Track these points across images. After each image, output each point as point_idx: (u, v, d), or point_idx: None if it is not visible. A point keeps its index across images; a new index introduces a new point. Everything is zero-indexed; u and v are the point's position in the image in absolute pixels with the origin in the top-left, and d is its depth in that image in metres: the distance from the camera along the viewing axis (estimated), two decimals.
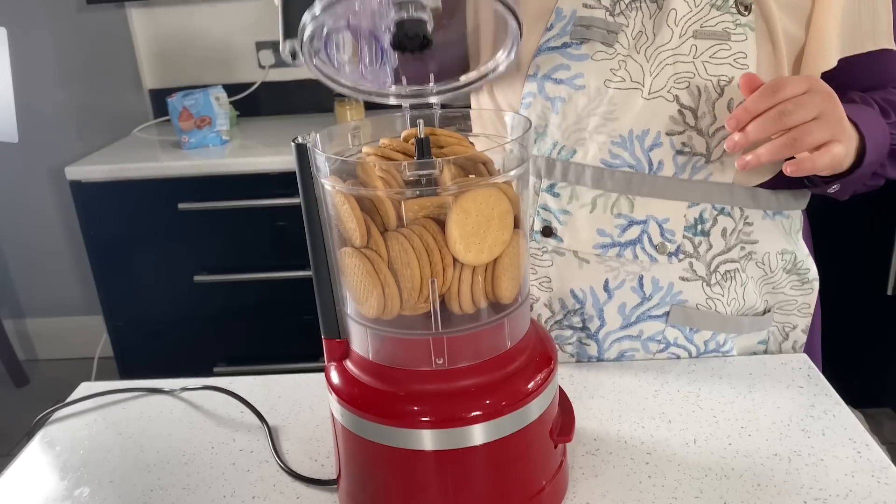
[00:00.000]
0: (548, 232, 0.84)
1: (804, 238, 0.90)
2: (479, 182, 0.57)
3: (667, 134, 0.78)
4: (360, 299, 0.58)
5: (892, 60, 0.82)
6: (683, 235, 0.81)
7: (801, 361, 0.85)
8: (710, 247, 0.82)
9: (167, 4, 2.25)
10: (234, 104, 2.20)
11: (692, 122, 0.78)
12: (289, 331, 2.02)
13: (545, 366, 0.61)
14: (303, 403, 0.83)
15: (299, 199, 0.59)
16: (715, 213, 0.81)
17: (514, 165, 0.59)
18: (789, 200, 0.85)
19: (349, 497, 0.64)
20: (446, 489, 0.59)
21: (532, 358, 0.61)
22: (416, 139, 0.58)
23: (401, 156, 0.60)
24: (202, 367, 2.03)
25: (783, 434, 0.73)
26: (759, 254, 0.85)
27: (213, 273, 1.97)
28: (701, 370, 0.84)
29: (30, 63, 2.35)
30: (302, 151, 0.57)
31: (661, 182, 0.80)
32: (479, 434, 0.57)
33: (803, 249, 0.89)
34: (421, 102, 0.64)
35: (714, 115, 0.77)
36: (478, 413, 0.57)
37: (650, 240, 0.81)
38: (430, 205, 0.56)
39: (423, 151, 0.57)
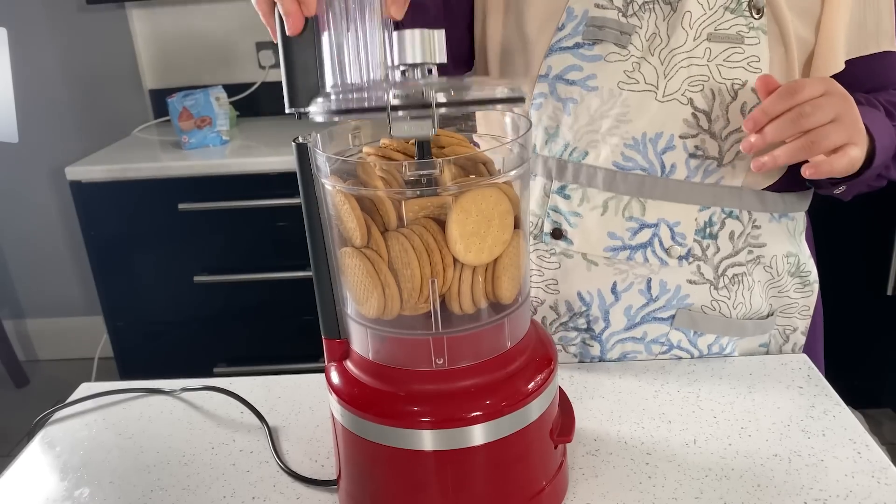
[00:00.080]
0: (557, 234, 0.83)
1: (806, 239, 0.90)
2: (480, 182, 0.57)
3: (680, 137, 0.78)
4: (361, 299, 0.58)
5: (894, 62, 0.82)
6: (694, 239, 0.81)
7: (801, 362, 0.85)
8: (718, 250, 0.82)
9: (167, 4, 2.25)
10: (234, 104, 2.20)
11: (705, 126, 0.77)
12: (289, 331, 2.02)
13: (545, 366, 0.61)
14: (303, 404, 0.83)
15: (299, 199, 0.59)
16: (723, 216, 0.81)
17: (514, 165, 0.59)
18: (794, 202, 0.85)
19: (349, 497, 0.64)
20: (446, 489, 0.59)
21: (532, 358, 0.61)
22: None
23: (401, 156, 0.60)
24: (202, 368, 2.03)
25: (783, 434, 0.73)
26: (767, 257, 0.84)
27: (213, 273, 1.96)
28: (701, 370, 0.84)
29: (30, 63, 2.35)
30: (302, 151, 0.57)
31: (672, 185, 0.79)
32: (479, 434, 0.57)
33: (805, 251, 0.89)
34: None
35: (727, 118, 0.77)
36: (478, 413, 0.56)
37: (661, 243, 0.81)
38: (430, 205, 0.55)
39: (423, 151, 0.57)
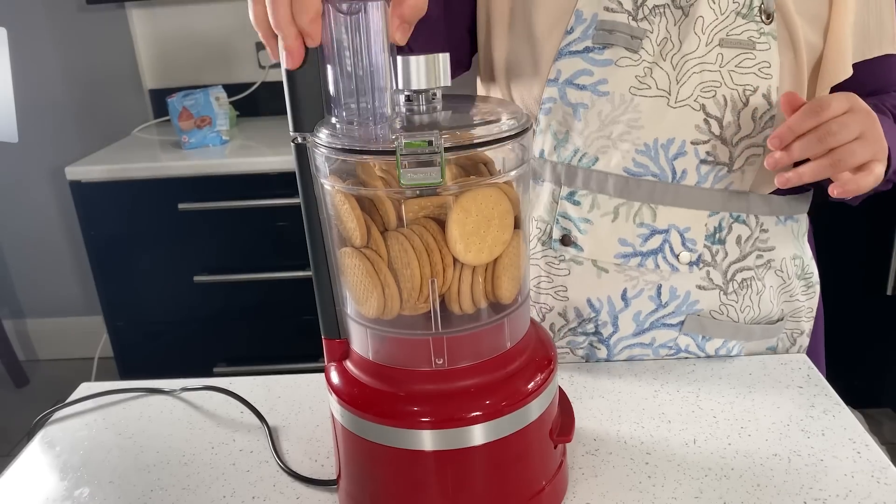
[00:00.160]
0: (567, 241, 0.82)
1: (808, 241, 0.90)
2: (480, 182, 0.57)
3: (692, 143, 0.77)
4: (360, 299, 0.58)
5: (894, 64, 0.82)
6: (704, 245, 0.80)
7: (800, 362, 0.85)
8: (727, 255, 0.82)
9: (167, 4, 2.25)
10: (234, 104, 2.20)
11: (717, 132, 0.77)
12: (289, 331, 2.02)
13: (545, 366, 0.61)
14: (303, 403, 0.83)
15: (299, 199, 0.59)
16: (731, 220, 0.81)
17: (514, 165, 0.59)
18: (798, 204, 0.85)
19: (349, 497, 0.64)
20: (446, 489, 0.59)
21: (532, 358, 0.61)
22: None
23: None
24: (202, 368, 2.03)
25: (783, 434, 0.73)
26: (777, 260, 0.84)
27: (212, 273, 1.96)
28: (701, 370, 0.84)
29: (30, 63, 2.35)
30: (301, 151, 0.57)
31: (683, 191, 0.79)
32: (478, 434, 0.57)
33: (808, 253, 0.89)
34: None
35: (739, 124, 0.77)
36: (478, 413, 0.57)
37: (672, 249, 0.80)
38: (430, 205, 0.56)
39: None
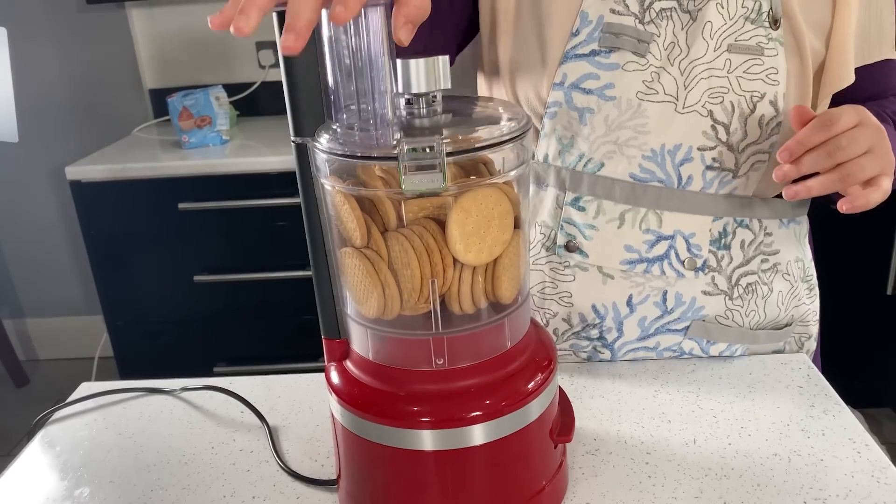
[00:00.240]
0: (572, 247, 0.82)
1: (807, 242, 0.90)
2: (480, 182, 0.57)
3: (698, 149, 0.77)
4: (361, 299, 0.58)
5: (894, 68, 0.82)
6: (709, 250, 0.80)
7: (800, 361, 0.85)
8: (731, 260, 0.81)
9: (167, 4, 2.25)
10: (234, 104, 2.20)
11: (724, 138, 0.77)
12: (289, 331, 2.02)
13: (545, 366, 0.61)
14: (303, 403, 0.83)
15: (299, 199, 0.59)
16: (735, 225, 0.81)
17: (514, 165, 0.59)
18: (799, 206, 0.85)
19: (349, 497, 0.64)
20: (446, 489, 0.59)
21: (532, 358, 0.61)
22: None
23: None
24: (202, 367, 2.03)
25: (783, 434, 0.73)
26: (783, 264, 0.84)
27: (212, 273, 1.96)
28: (701, 370, 0.84)
29: (30, 63, 2.35)
30: (302, 151, 0.57)
31: (688, 196, 0.79)
32: (478, 434, 0.57)
33: (808, 254, 0.89)
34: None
35: (745, 131, 0.76)
36: (478, 413, 0.57)
37: (677, 255, 0.80)
38: (430, 205, 0.56)
39: None
